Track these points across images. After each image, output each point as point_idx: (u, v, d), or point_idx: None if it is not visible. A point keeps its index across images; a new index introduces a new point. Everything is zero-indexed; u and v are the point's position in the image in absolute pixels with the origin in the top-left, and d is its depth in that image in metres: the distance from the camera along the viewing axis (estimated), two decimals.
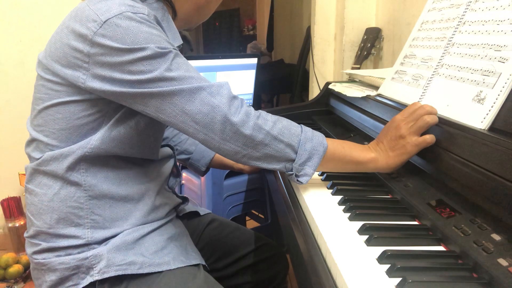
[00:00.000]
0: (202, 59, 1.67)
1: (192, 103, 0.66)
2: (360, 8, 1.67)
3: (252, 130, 0.67)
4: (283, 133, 0.69)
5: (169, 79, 0.66)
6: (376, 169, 0.74)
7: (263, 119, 0.69)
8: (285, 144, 0.69)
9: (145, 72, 0.66)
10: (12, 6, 1.83)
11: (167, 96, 0.66)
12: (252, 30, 5.69)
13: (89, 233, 0.74)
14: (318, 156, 0.70)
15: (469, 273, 0.50)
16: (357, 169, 0.75)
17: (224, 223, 1.06)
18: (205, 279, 0.78)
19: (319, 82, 1.84)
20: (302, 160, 0.70)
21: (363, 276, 0.49)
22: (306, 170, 0.70)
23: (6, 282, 1.74)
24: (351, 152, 0.73)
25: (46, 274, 0.74)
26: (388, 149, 0.74)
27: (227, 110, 0.66)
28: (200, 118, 0.66)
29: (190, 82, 0.67)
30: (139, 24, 0.66)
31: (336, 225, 0.62)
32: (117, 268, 0.72)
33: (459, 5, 0.82)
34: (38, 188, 0.74)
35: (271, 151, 0.69)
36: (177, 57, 0.68)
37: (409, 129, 0.72)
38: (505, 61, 0.63)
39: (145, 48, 0.65)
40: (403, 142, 0.72)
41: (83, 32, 0.66)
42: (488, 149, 0.56)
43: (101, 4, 0.67)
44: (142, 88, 0.66)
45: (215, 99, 0.67)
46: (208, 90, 0.67)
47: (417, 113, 0.73)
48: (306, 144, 0.70)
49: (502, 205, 0.52)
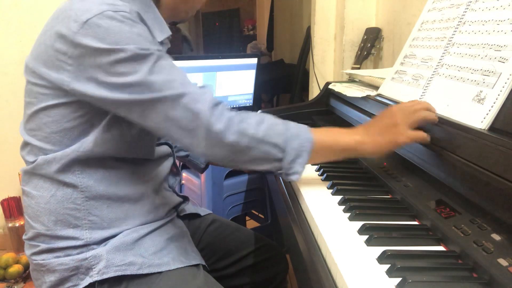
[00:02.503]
0: (202, 59, 1.67)
1: (175, 110, 0.65)
2: (360, 8, 1.67)
3: (237, 136, 0.66)
4: (268, 134, 0.68)
5: (151, 83, 0.65)
6: (364, 152, 0.73)
7: (246, 123, 0.67)
8: (271, 145, 0.68)
9: (126, 74, 0.64)
10: (12, 6, 1.83)
11: (149, 103, 0.65)
12: (252, 30, 5.68)
13: (88, 234, 0.73)
14: (306, 152, 0.69)
15: (469, 273, 0.50)
16: (346, 155, 0.74)
17: (225, 223, 1.06)
18: (205, 279, 0.78)
19: (319, 82, 1.84)
20: (291, 159, 0.69)
21: (363, 276, 0.49)
22: (296, 168, 0.69)
23: (6, 282, 1.74)
24: (337, 139, 0.72)
25: (45, 275, 0.74)
26: (376, 134, 0.72)
27: (209, 117, 0.65)
28: (184, 124, 0.65)
29: (173, 88, 0.65)
30: (120, 24, 0.65)
31: (336, 225, 0.62)
32: (116, 269, 0.72)
33: (459, 5, 0.82)
34: (35, 190, 0.74)
35: (258, 154, 0.68)
36: (160, 59, 0.67)
37: (404, 119, 0.71)
38: (505, 61, 0.63)
39: (126, 49, 0.64)
40: (395, 130, 0.71)
41: (64, 33, 0.66)
42: (488, 149, 0.56)
43: (82, 3, 0.66)
44: (124, 93, 0.65)
45: (198, 106, 0.65)
46: (191, 96, 0.66)
47: (416, 107, 0.72)
48: (293, 141, 0.69)
49: (502, 205, 0.52)
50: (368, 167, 0.85)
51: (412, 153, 0.76)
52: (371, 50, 1.58)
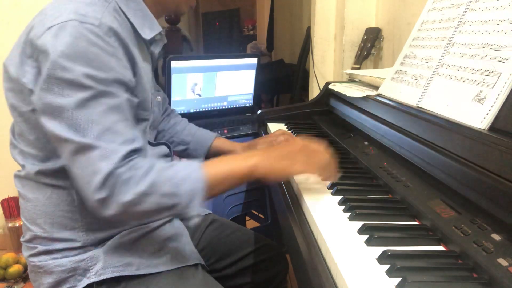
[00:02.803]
0: (202, 59, 1.67)
1: (78, 156, 0.62)
2: (360, 8, 1.66)
3: (132, 197, 0.62)
4: (155, 185, 0.63)
5: (70, 117, 0.61)
6: (260, 176, 0.70)
7: (134, 182, 0.62)
8: (159, 195, 0.63)
9: (56, 94, 0.61)
10: (12, 6, 1.83)
11: (61, 136, 0.62)
12: (252, 30, 5.68)
13: (84, 236, 0.73)
14: (199, 194, 0.65)
15: (469, 273, 0.50)
16: (245, 181, 0.71)
17: (225, 224, 1.06)
18: (203, 278, 0.78)
19: (319, 82, 1.84)
20: (184, 204, 0.65)
21: (363, 276, 0.49)
22: (192, 212, 0.67)
23: (6, 282, 1.74)
24: (232, 168, 0.69)
25: (43, 276, 0.74)
26: (273, 159, 0.71)
27: (102, 183, 0.61)
28: (81, 175, 0.62)
29: (86, 136, 0.61)
30: (75, 40, 0.61)
31: (336, 225, 0.62)
32: (113, 270, 0.72)
33: (459, 5, 0.82)
34: (31, 193, 0.74)
35: (149, 207, 0.63)
36: (96, 98, 0.62)
37: (304, 152, 0.72)
38: (505, 61, 0.63)
39: (69, 69, 0.60)
40: (292, 158, 0.71)
41: (31, 37, 0.65)
42: (488, 149, 0.56)
43: (56, 9, 0.65)
44: (45, 113, 0.62)
45: (101, 164, 0.61)
46: (99, 151, 0.61)
47: (321, 152, 0.73)
48: (183, 186, 0.64)
49: (502, 205, 0.52)
50: (368, 167, 0.85)
51: (412, 153, 0.76)
52: (371, 50, 1.57)
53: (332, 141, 1.12)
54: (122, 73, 0.66)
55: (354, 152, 0.96)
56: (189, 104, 1.68)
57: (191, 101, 1.68)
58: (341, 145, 1.05)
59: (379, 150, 0.92)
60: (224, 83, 1.73)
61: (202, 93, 1.70)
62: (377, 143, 0.93)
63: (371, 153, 0.93)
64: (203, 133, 1.10)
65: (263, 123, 1.37)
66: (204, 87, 1.69)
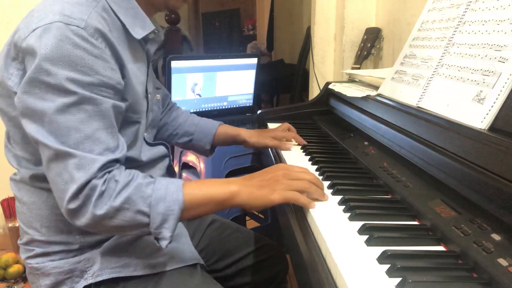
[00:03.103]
0: (202, 59, 1.67)
1: (57, 163, 0.61)
2: (360, 8, 1.67)
3: (106, 211, 0.61)
4: (130, 201, 0.62)
5: (51, 122, 0.60)
6: (240, 203, 0.69)
7: (109, 195, 0.62)
8: (133, 211, 0.62)
9: (38, 98, 0.60)
10: (12, 6, 1.83)
11: (40, 141, 0.61)
12: (252, 30, 5.69)
13: (81, 238, 0.73)
14: (173, 216, 0.64)
15: (469, 273, 0.50)
16: (224, 207, 0.69)
17: (225, 223, 1.06)
18: (203, 278, 0.78)
19: (319, 82, 1.84)
20: (157, 224, 0.63)
21: (363, 276, 0.49)
22: (164, 234, 0.64)
23: (6, 282, 1.74)
24: (211, 193, 0.68)
25: (40, 278, 0.74)
26: (254, 186, 0.69)
27: (77, 192, 0.60)
28: (57, 181, 0.62)
29: (64, 142, 0.60)
30: (59, 42, 0.59)
31: (336, 225, 0.62)
32: (111, 271, 0.72)
33: (459, 5, 0.82)
34: (26, 197, 0.74)
35: (121, 222, 0.62)
36: (79, 104, 0.61)
37: (285, 179, 0.69)
38: (505, 61, 0.63)
39: (52, 73, 0.59)
40: (272, 186, 0.68)
41: (15, 39, 0.64)
42: (488, 149, 0.56)
43: (43, 11, 0.63)
44: (25, 117, 0.62)
45: (78, 174, 0.60)
46: (77, 159, 0.61)
47: (303, 175, 0.70)
48: (158, 205, 0.63)
49: (502, 205, 0.52)
50: (368, 167, 0.85)
51: (412, 153, 0.76)
52: (371, 50, 1.58)
53: (332, 141, 1.12)
54: (108, 76, 0.64)
55: (354, 152, 0.96)
56: (189, 104, 1.68)
57: (191, 101, 1.68)
58: (341, 145, 1.05)
59: (379, 150, 0.92)
60: (224, 83, 1.73)
61: (202, 93, 1.70)
62: (377, 143, 0.93)
63: (371, 153, 0.93)
64: (206, 122, 1.08)
65: (263, 123, 1.37)
66: (204, 87, 1.69)
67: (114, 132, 0.66)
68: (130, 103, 0.73)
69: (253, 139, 1.06)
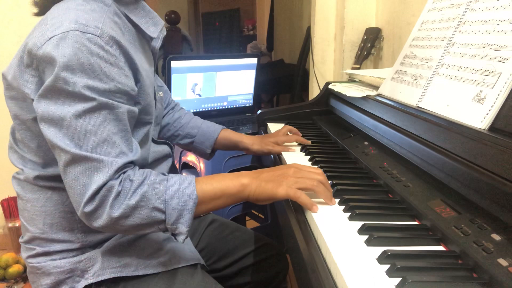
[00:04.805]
0: (202, 59, 1.67)
1: (74, 167, 0.62)
2: (360, 8, 1.67)
3: (123, 210, 0.62)
4: (145, 198, 0.63)
5: (68, 126, 0.61)
6: (250, 195, 0.70)
7: (126, 195, 0.63)
8: (149, 209, 0.64)
9: (57, 104, 0.61)
10: (12, 6, 1.83)
11: (58, 146, 0.62)
12: (252, 30, 5.69)
13: (83, 237, 0.73)
14: (188, 211, 0.65)
15: (469, 273, 0.50)
16: (236, 200, 0.71)
17: (225, 223, 1.06)
18: (203, 278, 0.78)
19: (319, 82, 1.84)
20: (173, 220, 0.65)
21: (363, 276, 0.49)
22: (180, 229, 0.65)
23: (6, 282, 1.74)
24: (223, 186, 0.69)
25: (41, 278, 0.74)
26: (264, 180, 0.70)
27: (90, 196, 0.61)
28: (74, 186, 0.62)
29: (81, 146, 0.61)
30: (76, 51, 0.60)
31: (336, 225, 0.62)
32: (112, 271, 0.72)
33: (459, 5, 0.82)
34: (30, 194, 0.74)
35: (137, 221, 0.64)
36: (96, 109, 0.62)
37: (295, 176, 0.70)
38: (505, 61, 0.63)
39: (71, 81, 0.60)
40: (280, 181, 0.69)
41: (30, 47, 0.64)
42: (488, 149, 0.56)
43: (57, 19, 0.63)
44: (43, 121, 0.62)
45: (95, 177, 0.61)
46: (94, 163, 0.62)
47: (315, 176, 0.70)
48: (173, 201, 0.64)
49: (502, 205, 0.52)
50: (368, 167, 0.85)
51: (412, 153, 0.76)
52: (371, 50, 1.57)
53: (332, 141, 1.12)
54: (123, 82, 0.66)
55: (354, 152, 0.96)
56: (189, 104, 1.68)
57: (191, 101, 1.68)
58: (341, 145, 1.05)
59: (379, 150, 0.92)
60: (224, 83, 1.73)
61: (202, 93, 1.70)
62: (377, 143, 0.93)
63: (371, 153, 0.93)
64: (209, 125, 1.09)
65: (263, 123, 1.37)
66: (204, 87, 1.69)
67: (129, 136, 0.68)
68: (143, 106, 0.74)
69: (256, 147, 1.07)
